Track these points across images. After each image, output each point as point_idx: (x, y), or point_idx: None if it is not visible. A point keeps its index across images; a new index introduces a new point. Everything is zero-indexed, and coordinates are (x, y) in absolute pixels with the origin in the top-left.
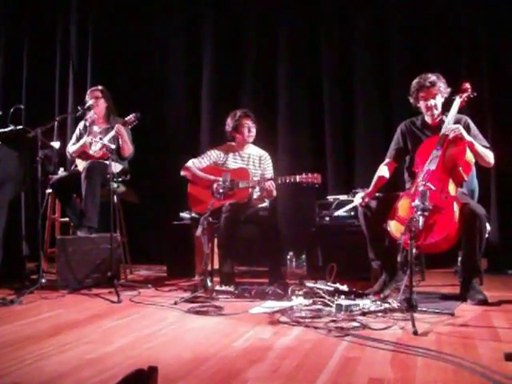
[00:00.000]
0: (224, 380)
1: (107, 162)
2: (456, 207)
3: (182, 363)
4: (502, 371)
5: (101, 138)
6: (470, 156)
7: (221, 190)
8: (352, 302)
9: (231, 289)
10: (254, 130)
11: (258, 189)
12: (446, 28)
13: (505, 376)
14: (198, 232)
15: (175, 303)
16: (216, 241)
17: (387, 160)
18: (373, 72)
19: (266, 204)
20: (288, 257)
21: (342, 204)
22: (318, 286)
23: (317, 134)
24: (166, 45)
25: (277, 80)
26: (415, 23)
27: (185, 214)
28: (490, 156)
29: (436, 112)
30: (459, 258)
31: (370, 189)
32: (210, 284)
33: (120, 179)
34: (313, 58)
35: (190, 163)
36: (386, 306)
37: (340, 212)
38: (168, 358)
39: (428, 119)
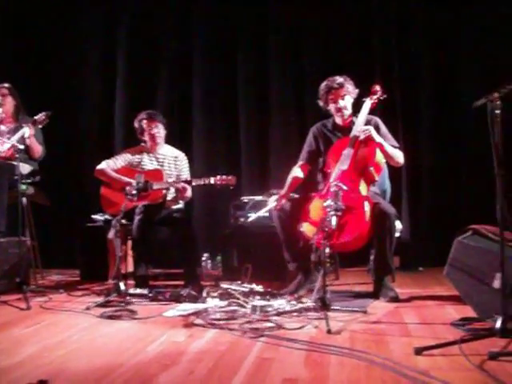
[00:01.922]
0: None
1: (15, 163)
2: (367, 207)
3: (93, 370)
4: (411, 365)
5: (9, 138)
6: (380, 156)
7: (134, 192)
8: (267, 303)
9: (145, 292)
10: (160, 131)
11: (172, 190)
12: (359, 31)
13: (414, 370)
14: (111, 234)
15: (87, 308)
16: (130, 243)
17: (300, 162)
18: (287, 76)
19: (180, 205)
20: (203, 258)
21: (256, 205)
22: (233, 287)
23: (232, 136)
24: (79, 43)
25: (192, 77)
26: (328, 27)
27: (98, 216)
28: (399, 156)
29: (346, 113)
30: (371, 257)
31: (285, 191)
32: (123, 288)
33: (29, 181)
34: (229, 61)
35: (104, 164)
36: (301, 305)
37: (254, 217)
38: (79, 366)
39: (339, 121)
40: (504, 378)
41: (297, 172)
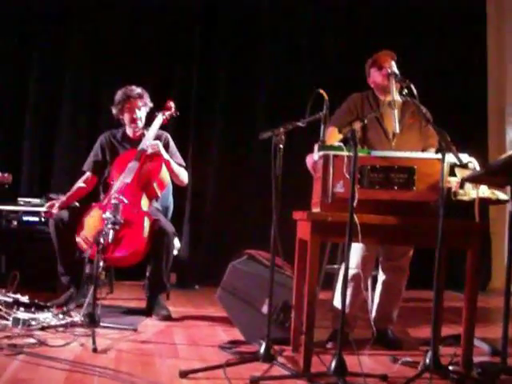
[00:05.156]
0: None
1: None
2: (147, 222)
3: None
4: None
5: None
6: (165, 173)
7: None
8: (31, 316)
9: None
10: None
11: None
12: (161, 45)
13: None
14: None
15: None
16: None
17: (88, 173)
18: (83, 80)
19: None
20: None
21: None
22: None
23: (14, 132)
24: None
25: None
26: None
27: None
28: (184, 175)
29: (140, 124)
30: (148, 273)
31: (65, 199)
32: None
33: None
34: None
35: None
36: (68, 320)
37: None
38: None
39: (130, 132)
40: None
41: (81, 182)
